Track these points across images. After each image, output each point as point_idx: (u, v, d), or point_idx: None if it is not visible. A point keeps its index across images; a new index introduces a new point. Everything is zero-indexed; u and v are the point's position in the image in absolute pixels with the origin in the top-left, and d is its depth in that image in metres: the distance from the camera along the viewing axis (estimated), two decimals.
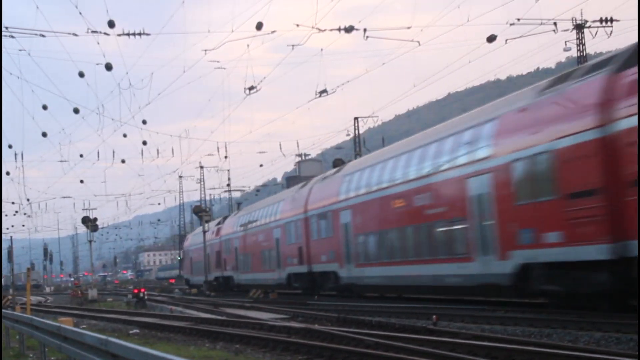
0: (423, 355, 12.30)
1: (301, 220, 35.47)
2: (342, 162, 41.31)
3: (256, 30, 25.50)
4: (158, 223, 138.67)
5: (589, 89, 16.27)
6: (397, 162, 25.74)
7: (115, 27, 24.95)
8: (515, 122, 18.84)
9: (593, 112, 15.85)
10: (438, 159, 22.77)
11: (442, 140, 22.89)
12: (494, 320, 17.33)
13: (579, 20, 40.89)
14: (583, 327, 14.63)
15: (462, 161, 21.23)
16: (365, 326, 18.25)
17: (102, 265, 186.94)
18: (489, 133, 19.97)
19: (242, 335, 17.32)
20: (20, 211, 77.96)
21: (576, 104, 16.56)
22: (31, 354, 16.14)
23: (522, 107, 18.76)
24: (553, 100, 17.41)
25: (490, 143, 19.73)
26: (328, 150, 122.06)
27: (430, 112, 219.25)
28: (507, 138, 18.97)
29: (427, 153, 23.61)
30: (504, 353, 12.03)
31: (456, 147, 21.75)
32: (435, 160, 22.90)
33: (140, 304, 36.89)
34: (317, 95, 36.55)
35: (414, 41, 30.04)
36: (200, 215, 53.56)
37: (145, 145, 44.79)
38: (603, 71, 16.23)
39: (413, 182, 24.11)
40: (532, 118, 18.01)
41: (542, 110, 17.72)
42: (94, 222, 55.17)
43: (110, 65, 27.29)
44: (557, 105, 17.14)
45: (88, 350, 9.70)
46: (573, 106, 16.62)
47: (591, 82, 16.37)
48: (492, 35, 29.96)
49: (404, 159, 25.23)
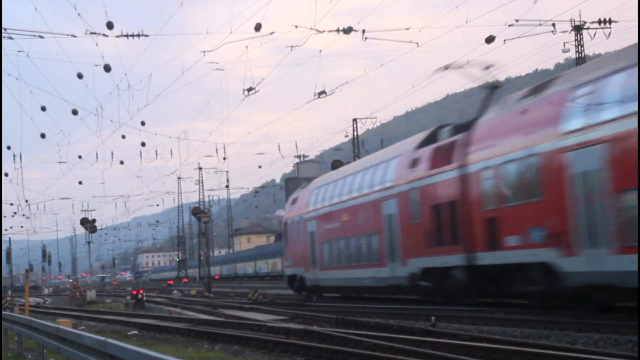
0: (422, 356, 12.30)
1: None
2: (341, 163, 41.40)
3: (255, 31, 25.52)
4: (157, 224, 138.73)
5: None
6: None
7: (113, 28, 24.97)
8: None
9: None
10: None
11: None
12: (492, 321, 17.33)
13: (578, 22, 40.95)
14: (581, 329, 14.63)
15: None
16: (364, 327, 18.25)
17: (101, 267, 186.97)
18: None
19: (241, 337, 17.32)
20: (18, 212, 78.01)
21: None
22: (29, 355, 16.13)
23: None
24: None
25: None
26: (327, 152, 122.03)
27: (428, 113, 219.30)
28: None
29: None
30: (502, 354, 12.04)
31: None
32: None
33: (138, 305, 36.87)
34: (316, 97, 36.60)
35: (412, 42, 30.11)
36: (199, 217, 53.55)
37: (144, 146, 44.88)
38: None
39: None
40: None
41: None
42: (93, 223, 55.17)
43: (109, 66, 27.29)
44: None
45: (86, 351, 9.69)
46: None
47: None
48: (490, 37, 30.00)
49: (349, 180, 30.26)
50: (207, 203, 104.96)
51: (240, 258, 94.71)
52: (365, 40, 28.86)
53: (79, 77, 29.37)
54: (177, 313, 29.54)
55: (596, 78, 16.24)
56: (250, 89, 32.32)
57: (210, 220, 62.36)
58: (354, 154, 68.36)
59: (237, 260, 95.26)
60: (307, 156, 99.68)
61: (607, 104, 15.57)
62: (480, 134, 20.83)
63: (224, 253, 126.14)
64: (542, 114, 17.82)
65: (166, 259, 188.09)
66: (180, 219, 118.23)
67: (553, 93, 17.79)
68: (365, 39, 28.79)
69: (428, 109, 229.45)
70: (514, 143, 18.78)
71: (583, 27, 41.00)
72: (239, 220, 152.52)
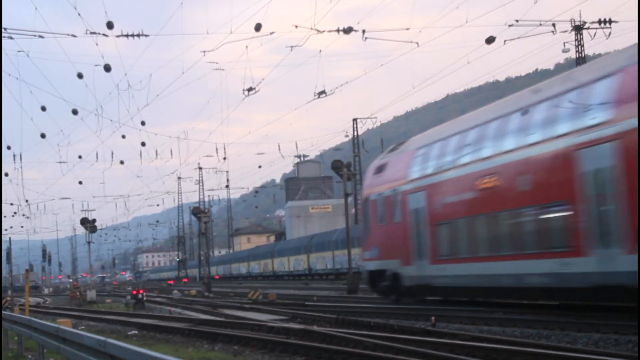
0: (422, 356, 12.30)
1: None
2: (341, 163, 40.13)
3: (255, 31, 25.58)
4: (157, 224, 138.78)
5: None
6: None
7: (113, 28, 25.02)
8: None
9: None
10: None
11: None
12: (492, 321, 17.33)
13: (578, 22, 40.98)
14: (581, 329, 14.63)
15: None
16: (364, 327, 18.24)
17: (101, 267, 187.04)
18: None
19: (241, 337, 17.31)
20: (19, 212, 78.22)
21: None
22: (29, 355, 16.13)
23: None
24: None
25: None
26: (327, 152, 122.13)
27: (428, 113, 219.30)
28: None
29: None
30: (502, 354, 12.04)
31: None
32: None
33: (138, 305, 36.85)
34: (316, 97, 36.58)
35: (412, 42, 30.16)
36: (199, 217, 53.54)
37: (144, 146, 45.03)
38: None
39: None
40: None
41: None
42: (93, 223, 55.15)
43: (109, 66, 27.33)
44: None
45: (86, 351, 9.69)
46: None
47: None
48: (490, 37, 30.01)
49: (494, 127, 20.43)
50: (207, 203, 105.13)
51: (235, 259, 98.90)
52: (365, 40, 28.92)
53: (79, 77, 29.42)
54: (177, 313, 29.53)
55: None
56: (250, 89, 32.37)
57: (210, 220, 62.35)
58: (354, 153, 68.41)
59: (232, 261, 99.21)
60: (307, 156, 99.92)
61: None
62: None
63: (224, 253, 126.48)
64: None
65: (166, 259, 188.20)
66: (180, 219, 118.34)
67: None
68: (365, 39, 28.84)
69: (428, 109, 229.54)
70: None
71: (583, 27, 41.03)
72: (239, 220, 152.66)
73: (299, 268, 70.79)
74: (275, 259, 77.96)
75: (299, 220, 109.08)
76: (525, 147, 18.66)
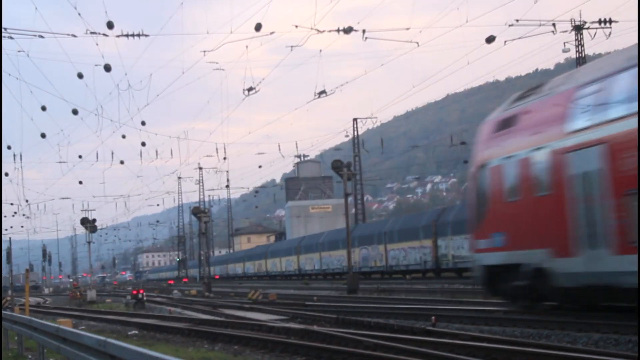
0: (422, 356, 12.30)
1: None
2: (341, 163, 40.04)
3: (255, 31, 25.60)
4: (157, 224, 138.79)
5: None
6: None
7: (114, 28, 25.04)
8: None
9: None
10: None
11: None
12: (492, 321, 17.32)
13: (578, 22, 41.01)
14: (582, 329, 14.63)
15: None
16: (364, 327, 18.23)
17: (101, 267, 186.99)
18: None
19: (241, 337, 17.31)
20: (19, 212, 78.26)
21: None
22: (30, 355, 16.13)
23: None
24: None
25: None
26: (327, 152, 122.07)
27: (428, 113, 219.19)
28: None
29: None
30: (502, 354, 12.04)
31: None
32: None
33: (139, 305, 36.86)
34: (316, 97, 36.63)
35: (412, 42, 30.22)
36: (199, 217, 53.54)
37: (144, 146, 45.09)
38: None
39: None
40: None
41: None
42: (93, 223, 55.17)
43: (109, 66, 27.35)
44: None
45: (86, 351, 9.70)
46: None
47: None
48: (491, 37, 30.04)
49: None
50: (207, 203, 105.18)
51: (231, 259, 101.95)
52: (365, 40, 28.96)
53: (79, 77, 29.43)
54: (177, 313, 29.53)
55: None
56: (250, 88, 32.41)
57: (210, 220, 62.35)
58: (354, 153, 68.44)
59: (228, 262, 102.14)
60: (307, 156, 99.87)
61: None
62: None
63: (224, 253, 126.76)
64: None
65: (166, 259, 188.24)
66: (180, 219, 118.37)
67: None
68: (365, 39, 28.87)
69: (428, 109, 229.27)
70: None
71: (583, 27, 41.06)
72: (239, 220, 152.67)
73: (290, 268, 73.69)
74: (268, 259, 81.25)
75: (299, 220, 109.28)
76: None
